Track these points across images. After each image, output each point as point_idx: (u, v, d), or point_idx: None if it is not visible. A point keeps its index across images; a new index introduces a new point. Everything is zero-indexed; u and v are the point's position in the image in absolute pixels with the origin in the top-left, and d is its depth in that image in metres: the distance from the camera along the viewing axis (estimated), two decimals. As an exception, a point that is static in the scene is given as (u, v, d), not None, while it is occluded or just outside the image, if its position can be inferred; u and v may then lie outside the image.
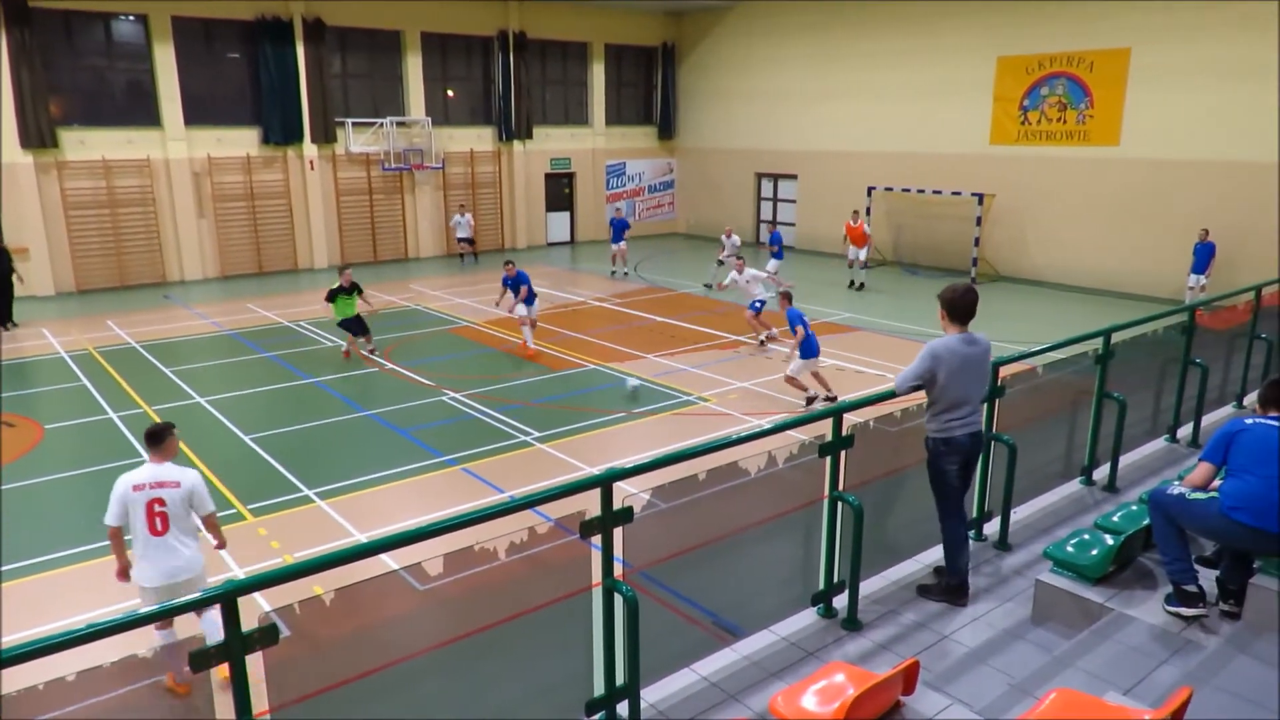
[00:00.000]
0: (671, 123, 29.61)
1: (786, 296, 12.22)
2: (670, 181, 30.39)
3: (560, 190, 28.00)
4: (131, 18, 20.19)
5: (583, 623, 3.90)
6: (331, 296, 13.80)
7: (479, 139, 25.83)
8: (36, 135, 18.99)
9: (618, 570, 3.85)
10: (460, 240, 24.04)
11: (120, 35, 20.35)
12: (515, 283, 14.46)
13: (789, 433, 4.76)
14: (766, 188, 27.67)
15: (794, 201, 26.65)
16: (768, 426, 4.72)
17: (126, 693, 2.71)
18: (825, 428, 4.75)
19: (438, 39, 24.61)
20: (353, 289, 13.92)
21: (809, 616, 4.89)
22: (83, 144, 19.81)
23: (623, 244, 21.64)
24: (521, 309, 14.42)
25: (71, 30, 19.62)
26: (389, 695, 3.38)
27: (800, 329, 11.33)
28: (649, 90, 29.62)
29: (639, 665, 3.84)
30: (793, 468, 4.63)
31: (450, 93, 25.42)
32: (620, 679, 3.91)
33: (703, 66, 28.58)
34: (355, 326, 14.05)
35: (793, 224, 26.70)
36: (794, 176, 26.43)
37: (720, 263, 19.80)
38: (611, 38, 27.89)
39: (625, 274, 21.79)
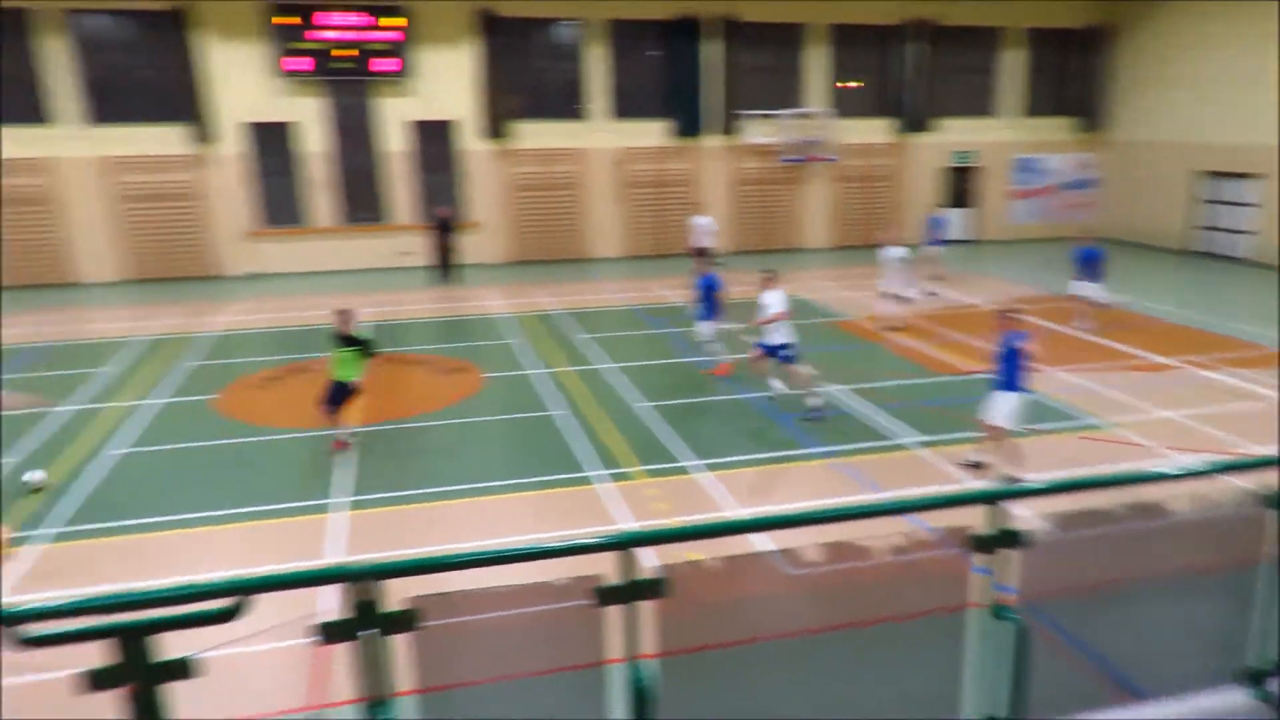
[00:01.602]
0: (1098, 114, 26.47)
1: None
2: (1089, 179, 27.24)
3: (957, 185, 26.45)
4: (572, 22, 22.78)
5: (952, 642, 3.67)
6: None
7: (877, 130, 25.29)
8: (494, 128, 22.32)
9: (1004, 596, 3.56)
10: (699, 250, 19.17)
11: (560, 39, 23.08)
12: None
13: (1227, 477, 4.02)
14: (1212, 187, 23.60)
15: (1255, 206, 22.40)
16: (1200, 466, 4.03)
17: (538, 612, 3.08)
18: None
19: (841, 30, 24.43)
20: None
21: (1237, 695, 4.12)
22: (530, 134, 22.85)
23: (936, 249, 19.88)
24: None
25: (527, 35, 22.66)
26: (748, 669, 3.46)
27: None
28: (1071, 78, 26.67)
29: (1026, 701, 3.52)
30: (1226, 518, 3.92)
31: (850, 84, 25.17)
32: (1002, 712, 3.61)
33: (1145, 50, 25.09)
34: None
35: (1251, 232, 22.50)
36: (1256, 176, 22.22)
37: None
38: (1030, 21, 25.57)
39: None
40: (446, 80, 21.94)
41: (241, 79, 20.77)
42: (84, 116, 20.24)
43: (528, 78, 22.88)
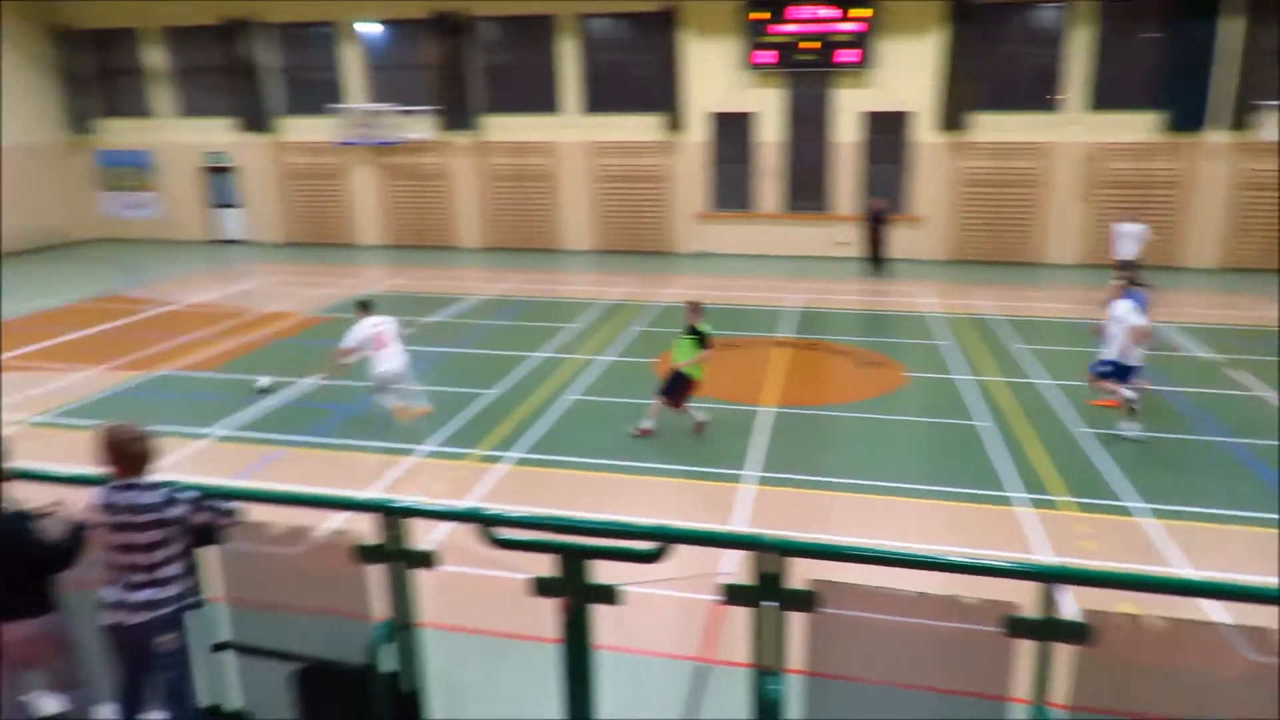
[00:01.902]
0: None
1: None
2: None
3: None
4: (1056, 5, 20.79)
5: None
6: None
7: None
8: (950, 119, 21.36)
9: None
10: (1123, 262, 17.12)
11: (1039, 23, 21.20)
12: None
13: None
14: None
15: None
16: None
17: (939, 626, 2.96)
18: None
19: None
20: None
21: None
22: (988, 127, 21.50)
23: None
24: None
25: (1001, 21, 21.20)
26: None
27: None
28: None
29: None
30: None
31: None
32: None
33: None
34: None
35: None
36: None
37: None
38: None
39: None
40: (906, 70, 21.47)
41: (712, 72, 22.41)
42: (581, 106, 23.45)
43: (995, 66, 21.46)
